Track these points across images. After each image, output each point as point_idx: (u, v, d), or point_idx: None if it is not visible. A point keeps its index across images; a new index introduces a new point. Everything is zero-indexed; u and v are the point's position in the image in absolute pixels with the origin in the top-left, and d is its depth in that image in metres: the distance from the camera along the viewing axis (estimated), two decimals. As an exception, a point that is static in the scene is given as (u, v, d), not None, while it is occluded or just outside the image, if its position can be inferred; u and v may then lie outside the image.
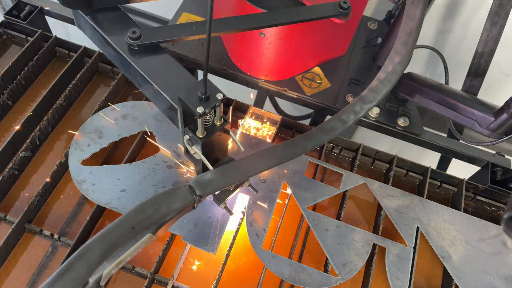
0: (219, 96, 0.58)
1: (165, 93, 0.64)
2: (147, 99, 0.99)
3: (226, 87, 1.16)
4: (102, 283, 0.56)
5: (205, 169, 0.67)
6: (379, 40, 1.11)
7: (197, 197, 0.60)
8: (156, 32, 0.69)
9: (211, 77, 1.05)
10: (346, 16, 0.80)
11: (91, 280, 0.54)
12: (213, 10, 0.48)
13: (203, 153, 0.64)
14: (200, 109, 0.56)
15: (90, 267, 0.49)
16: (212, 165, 0.65)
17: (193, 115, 0.60)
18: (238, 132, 0.91)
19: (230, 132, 0.66)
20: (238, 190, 0.74)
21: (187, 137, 0.64)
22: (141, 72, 0.66)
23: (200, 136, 0.62)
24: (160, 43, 0.69)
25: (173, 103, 0.64)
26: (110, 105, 0.91)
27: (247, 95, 1.26)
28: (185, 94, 0.57)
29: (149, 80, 0.65)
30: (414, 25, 0.70)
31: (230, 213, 0.75)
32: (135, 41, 0.66)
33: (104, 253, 0.50)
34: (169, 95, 0.64)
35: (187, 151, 0.68)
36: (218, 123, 0.63)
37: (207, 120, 0.62)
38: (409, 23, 0.70)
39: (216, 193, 0.72)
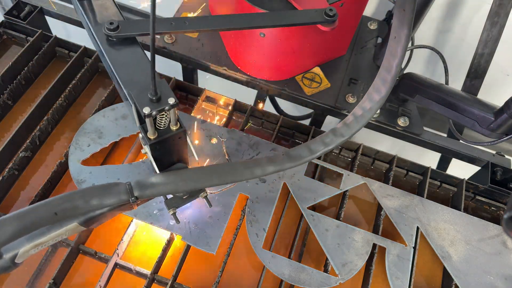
0: (171, 101, 0.56)
1: (125, 88, 0.63)
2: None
3: (226, 87, 1.17)
4: (18, 261, 0.55)
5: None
6: (379, 40, 1.11)
7: (133, 198, 0.58)
8: (134, 25, 0.68)
9: (212, 77, 1.06)
10: (332, 24, 0.78)
11: (6, 256, 0.54)
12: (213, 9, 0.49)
13: (153, 155, 0.62)
14: (146, 110, 0.55)
15: None
16: (164, 169, 0.64)
17: None
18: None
19: (188, 140, 0.64)
20: (191, 200, 0.72)
21: (140, 135, 0.62)
22: (110, 63, 0.66)
23: (150, 138, 0.60)
24: (137, 36, 0.69)
25: (129, 99, 0.62)
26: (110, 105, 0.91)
27: (248, 95, 1.27)
28: (136, 92, 0.56)
29: (115, 73, 0.65)
30: (394, 63, 0.66)
31: (177, 221, 0.72)
32: (112, 32, 0.66)
33: (18, 232, 0.49)
34: (127, 91, 0.63)
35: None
36: (174, 128, 0.61)
37: (160, 123, 0.60)
38: (390, 59, 0.67)
39: (169, 197, 0.70)
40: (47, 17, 1.13)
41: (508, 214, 0.74)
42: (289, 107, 1.47)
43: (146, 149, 0.63)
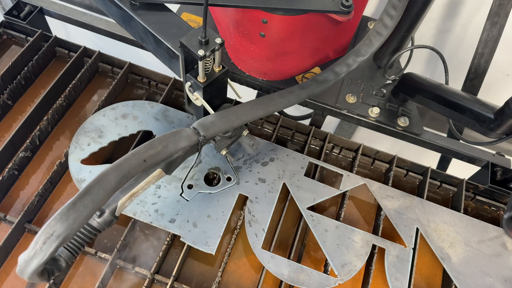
0: (218, 40, 0.62)
1: (167, 41, 0.69)
2: (147, 99, 0.99)
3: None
4: (117, 213, 0.61)
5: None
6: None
7: (201, 137, 0.65)
8: None
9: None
10: (348, 15, 0.79)
11: (108, 210, 0.60)
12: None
13: (205, 98, 0.68)
14: (201, 52, 0.60)
15: (107, 192, 0.54)
16: (215, 109, 0.70)
17: (193, 62, 0.65)
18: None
19: (229, 80, 0.71)
20: (237, 139, 0.79)
21: (188, 83, 0.68)
22: (143, 24, 0.71)
23: (201, 81, 0.66)
24: (158, 1, 0.74)
25: (174, 51, 0.68)
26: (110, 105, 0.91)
27: (248, 95, 1.26)
28: (186, 39, 0.62)
29: (151, 31, 0.70)
30: None
31: (231, 159, 0.80)
32: None
33: (119, 181, 0.55)
34: (170, 43, 0.69)
35: (189, 101, 0.73)
36: (217, 69, 0.67)
37: (207, 66, 0.66)
38: None
39: (217, 140, 0.77)
40: (47, 17, 1.13)
41: (508, 214, 0.73)
42: (289, 107, 1.47)
43: (196, 95, 0.69)
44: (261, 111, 0.71)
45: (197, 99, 0.69)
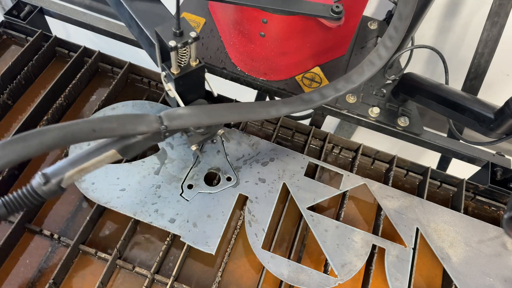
0: (192, 34, 0.63)
1: (146, 29, 0.70)
2: (147, 99, 0.99)
3: (226, 87, 1.17)
4: (64, 185, 0.60)
5: None
6: (379, 40, 1.11)
7: (163, 127, 0.63)
8: None
9: (212, 77, 1.06)
10: (337, 21, 0.78)
11: (54, 180, 0.59)
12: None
13: (177, 90, 0.69)
14: (172, 43, 0.61)
15: (42, 145, 0.52)
16: (187, 104, 0.70)
17: (169, 53, 0.65)
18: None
19: (205, 76, 0.71)
20: (211, 137, 0.79)
21: (163, 74, 0.69)
22: (129, 11, 0.72)
23: (174, 72, 0.66)
24: None
25: (152, 39, 0.69)
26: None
27: (248, 95, 1.27)
28: (161, 28, 0.63)
29: (135, 18, 0.72)
30: (406, 12, 0.68)
31: (200, 155, 0.79)
32: None
33: (60, 139, 0.54)
34: (149, 32, 0.70)
35: (167, 93, 0.73)
36: (193, 64, 0.68)
37: (182, 59, 0.66)
38: (400, 11, 0.68)
39: (189, 135, 0.77)
40: (47, 17, 1.13)
41: (508, 214, 0.73)
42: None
43: (170, 86, 0.69)
44: (236, 115, 0.69)
45: (170, 90, 0.69)
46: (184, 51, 0.66)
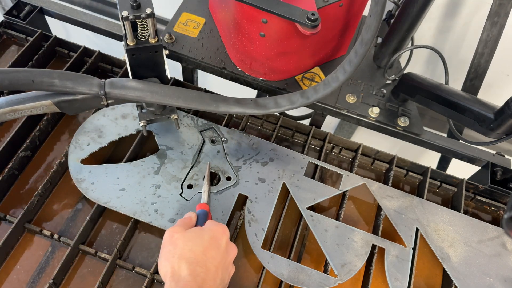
0: (148, 10, 0.63)
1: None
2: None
3: (227, 87, 1.17)
4: None
5: None
6: (379, 40, 1.11)
7: (102, 92, 0.65)
8: None
9: (212, 77, 1.06)
10: (312, 29, 0.75)
11: None
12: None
13: (129, 62, 0.69)
14: (124, 13, 0.62)
15: None
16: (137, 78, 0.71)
17: (134, 24, 0.65)
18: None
19: (164, 55, 0.71)
20: (163, 118, 0.80)
21: (123, 43, 0.69)
22: None
23: (129, 44, 0.67)
24: None
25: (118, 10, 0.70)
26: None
27: (247, 95, 1.26)
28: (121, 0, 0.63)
29: None
30: (367, 36, 0.67)
31: (144, 132, 0.80)
32: None
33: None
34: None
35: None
36: (152, 41, 0.68)
37: (142, 33, 0.67)
38: (364, 34, 0.67)
39: (141, 111, 0.79)
40: (47, 17, 1.13)
41: (508, 214, 0.74)
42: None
43: (124, 56, 0.70)
44: (181, 101, 0.68)
45: (124, 59, 0.70)
46: (144, 26, 0.66)
